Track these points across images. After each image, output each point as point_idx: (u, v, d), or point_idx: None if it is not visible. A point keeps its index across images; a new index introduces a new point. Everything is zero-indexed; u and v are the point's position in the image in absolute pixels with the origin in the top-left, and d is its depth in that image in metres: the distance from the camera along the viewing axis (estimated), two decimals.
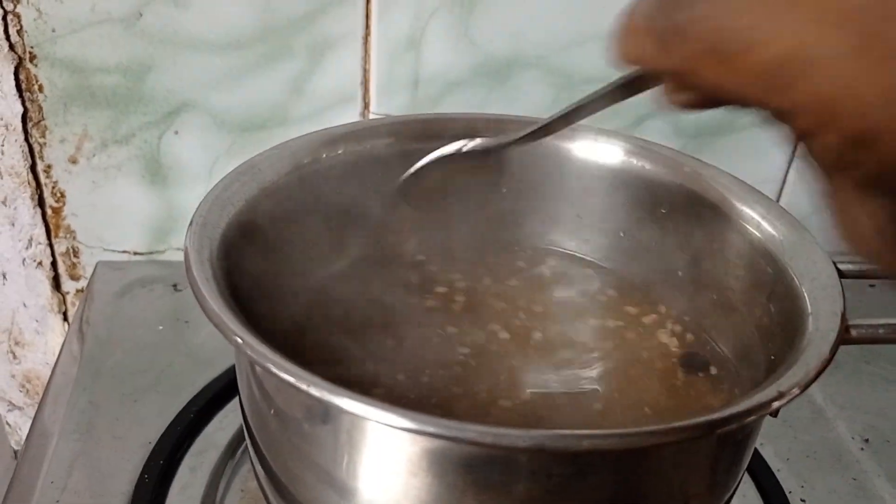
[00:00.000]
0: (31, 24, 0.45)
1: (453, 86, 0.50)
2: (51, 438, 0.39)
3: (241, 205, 0.32)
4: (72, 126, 0.48)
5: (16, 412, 0.58)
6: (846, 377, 0.48)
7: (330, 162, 0.35)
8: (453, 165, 0.34)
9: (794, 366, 0.25)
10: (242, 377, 0.30)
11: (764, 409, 0.23)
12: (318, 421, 0.25)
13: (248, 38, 0.46)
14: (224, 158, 0.50)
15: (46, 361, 0.55)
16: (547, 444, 0.22)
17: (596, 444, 0.22)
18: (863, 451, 0.43)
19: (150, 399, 0.41)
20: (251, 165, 0.33)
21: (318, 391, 0.22)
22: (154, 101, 0.47)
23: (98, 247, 0.52)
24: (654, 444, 0.23)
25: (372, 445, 0.25)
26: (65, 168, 0.49)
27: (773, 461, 0.41)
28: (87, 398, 0.41)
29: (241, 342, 0.24)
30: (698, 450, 0.26)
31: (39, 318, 0.54)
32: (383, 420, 0.22)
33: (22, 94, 0.47)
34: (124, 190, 0.50)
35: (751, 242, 0.33)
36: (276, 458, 0.29)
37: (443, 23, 0.47)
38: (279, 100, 0.48)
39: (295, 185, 0.34)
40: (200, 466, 0.38)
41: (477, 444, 0.22)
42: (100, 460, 0.38)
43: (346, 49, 0.47)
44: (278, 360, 0.23)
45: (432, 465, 0.24)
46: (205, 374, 0.42)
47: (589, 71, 0.50)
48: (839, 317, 0.27)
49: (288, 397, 0.26)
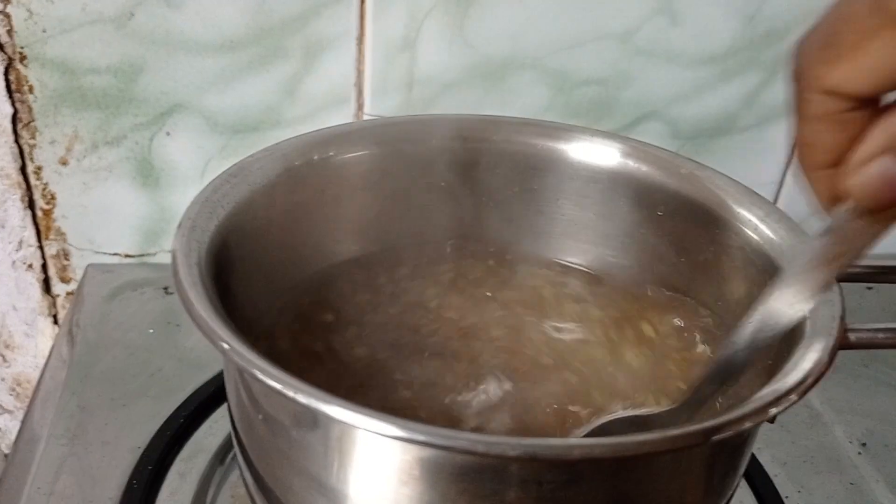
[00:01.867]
0: (21, 24, 0.44)
1: (448, 87, 0.49)
2: (39, 443, 0.39)
3: (230, 207, 0.31)
4: (62, 127, 0.47)
5: (5, 416, 0.57)
6: (844, 381, 0.47)
7: (321, 164, 0.35)
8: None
9: (792, 372, 0.24)
10: (231, 383, 0.29)
11: (761, 416, 0.23)
12: (306, 428, 0.25)
13: (242, 39, 0.46)
14: (216, 160, 0.49)
15: (36, 365, 0.55)
16: (538, 452, 0.21)
17: (587, 452, 0.21)
18: (860, 455, 0.42)
19: (140, 403, 0.41)
20: (241, 168, 0.33)
21: (306, 398, 0.22)
22: (146, 102, 0.47)
23: (88, 249, 0.51)
24: (646, 452, 0.22)
25: (361, 453, 0.24)
26: (55, 170, 0.48)
27: (770, 466, 0.40)
28: (76, 402, 0.41)
29: (228, 348, 0.23)
30: (694, 456, 0.26)
31: (29, 321, 0.53)
32: (374, 428, 0.21)
33: (12, 95, 0.46)
34: (115, 192, 0.49)
35: (749, 245, 0.32)
36: (265, 465, 0.28)
37: (438, 24, 0.47)
38: (272, 101, 0.48)
39: (286, 187, 0.33)
40: (190, 472, 0.37)
41: (468, 453, 0.22)
42: (88, 465, 0.37)
43: (340, 50, 0.47)
44: (265, 367, 0.23)
45: (423, 473, 0.24)
46: (195, 378, 0.42)
47: (584, 72, 0.50)
48: (838, 321, 0.26)
49: (276, 404, 0.26)
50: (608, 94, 0.51)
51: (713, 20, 0.49)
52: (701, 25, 0.49)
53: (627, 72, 0.50)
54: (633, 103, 0.52)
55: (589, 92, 0.51)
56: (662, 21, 0.49)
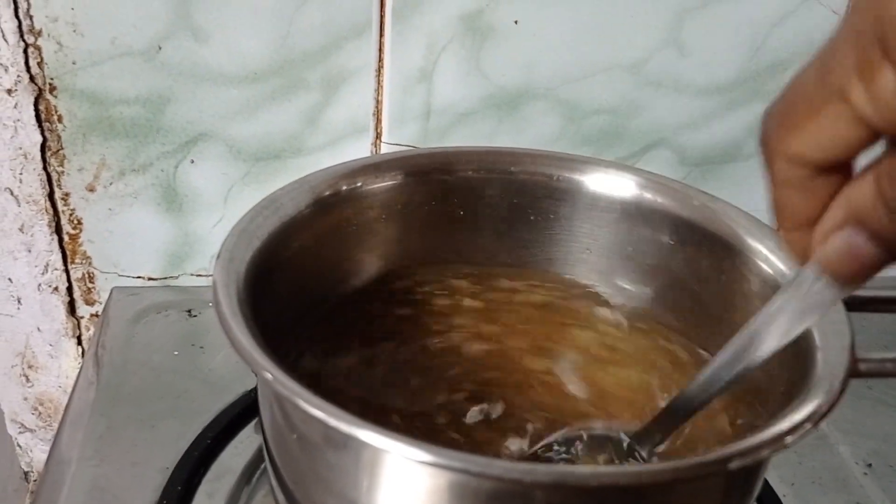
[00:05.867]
0: (51, 56, 0.46)
1: (464, 117, 0.51)
2: (69, 464, 0.40)
3: (264, 238, 0.32)
4: (90, 155, 0.49)
5: (27, 434, 0.58)
6: (849, 403, 0.47)
7: (348, 194, 0.36)
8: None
9: (807, 401, 0.25)
10: (265, 408, 0.30)
11: (777, 444, 0.24)
12: (342, 454, 0.26)
13: (265, 71, 0.47)
14: (238, 186, 0.51)
15: (59, 385, 0.56)
16: (568, 480, 0.22)
17: (612, 480, 0.23)
18: (866, 475, 0.43)
19: (167, 424, 0.42)
20: (273, 199, 0.34)
21: (348, 427, 0.23)
22: (172, 131, 0.48)
23: (113, 272, 0.52)
24: (668, 480, 0.23)
25: (395, 478, 0.25)
26: (82, 196, 0.50)
27: (778, 486, 0.41)
28: (104, 423, 0.42)
29: (271, 378, 0.25)
30: (710, 483, 0.27)
31: (53, 342, 0.54)
32: (412, 456, 0.22)
33: (41, 125, 0.47)
34: (140, 217, 0.51)
35: (760, 276, 0.34)
36: (297, 485, 0.30)
37: (454, 56, 0.49)
38: (294, 130, 0.49)
39: (315, 216, 0.35)
40: (217, 492, 0.38)
41: (500, 481, 0.23)
42: (118, 486, 0.38)
43: (359, 81, 0.49)
44: (307, 396, 0.24)
45: (455, 495, 0.25)
46: (220, 399, 0.43)
47: (596, 102, 0.52)
48: (848, 351, 0.27)
49: (314, 430, 0.27)
50: (618, 122, 0.53)
51: (719, 52, 0.51)
52: (708, 57, 0.51)
53: (637, 101, 0.52)
54: (643, 132, 0.53)
55: (599, 121, 0.52)
56: (671, 53, 0.51)
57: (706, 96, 0.52)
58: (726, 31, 0.50)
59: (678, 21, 0.50)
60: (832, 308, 0.23)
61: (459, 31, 0.48)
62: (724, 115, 0.53)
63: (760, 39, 0.51)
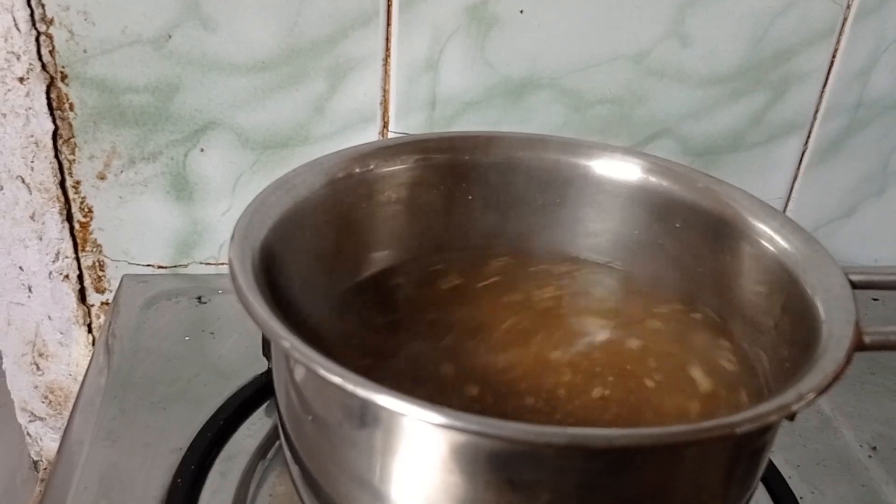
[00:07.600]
0: (63, 44, 0.46)
1: (469, 106, 0.51)
2: (83, 445, 0.40)
3: (277, 217, 0.33)
4: (101, 143, 0.49)
5: (37, 423, 0.59)
6: (852, 388, 0.49)
7: (361, 176, 0.37)
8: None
9: (812, 371, 0.26)
10: (280, 383, 0.31)
11: (783, 412, 0.25)
12: (359, 421, 0.27)
13: (273, 60, 0.48)
14: (247, 175, 0.51)
15: (70, 373, 0.57)
16: (582, 441, 0.23)
17: (627, 441, 0.23)
18: (871, 458, 0.44)
19: (179, 407, 0.42)
20: (285, 181, 0.35)
21: (365, 391, 0.24)
22: (181, 119, 0.49)
23: (123, 260, 0.53)
24: (680, 442, 0.24)
25: (411, 442, 0.26)
26: (93, 184, 0.50)
27: (784, 468, 0.42)
28: (117, 406, 0.42)
29: (289, 345, 0.25)
30: (719, 455, 0.28)
31: (64, 329, 0.55)
32: (429, 419, 0.23)
33: (53, 113, 0.48)
34: (150, 205, 0.51)
35: (765, 255, 0.34)
36: (312, 459, 0.30)
37: (460, 46, 0.49)
38: (301, 119, 0.50)
39: (328, 198, 0.35)
40: (230, 471, 0.39)
41: (516, 442, 0.23)
42: (132, 466, 0.39)
43: (366, 71, 0.49)
44: (325, 362, 0.25)
45: (469, 462, 0.25)
46: (231, 384, 0.44)
47: (600, 92, 0.52)
48: (853, 324, 0.28)
49: (329, 399, 0.27)
50: (622, 112, 0.53)
51: (722, 42, 0.52)
52: (710, 47, 0.52)
53: (640, 91, 0.53)
54: (646, 121, 0.54)
55: (603, 111, 0.53)
56: (674, 43, 0.51)
57: (709, 86, 0.53)
58: (729, 21, 0.51)
59: (681, 11, 0.50)
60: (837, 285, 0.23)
61: (465, 20, 0.48)
62: (728, 105, 0.54)
63: (763, 29, 0.52)
